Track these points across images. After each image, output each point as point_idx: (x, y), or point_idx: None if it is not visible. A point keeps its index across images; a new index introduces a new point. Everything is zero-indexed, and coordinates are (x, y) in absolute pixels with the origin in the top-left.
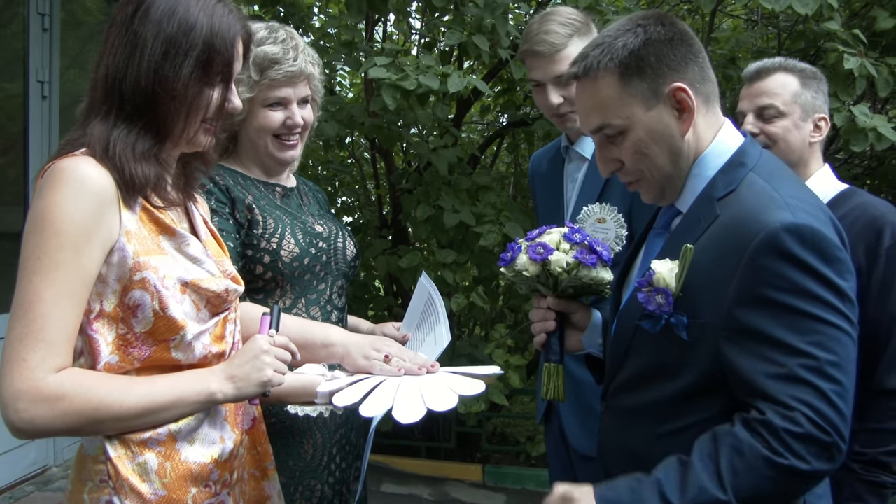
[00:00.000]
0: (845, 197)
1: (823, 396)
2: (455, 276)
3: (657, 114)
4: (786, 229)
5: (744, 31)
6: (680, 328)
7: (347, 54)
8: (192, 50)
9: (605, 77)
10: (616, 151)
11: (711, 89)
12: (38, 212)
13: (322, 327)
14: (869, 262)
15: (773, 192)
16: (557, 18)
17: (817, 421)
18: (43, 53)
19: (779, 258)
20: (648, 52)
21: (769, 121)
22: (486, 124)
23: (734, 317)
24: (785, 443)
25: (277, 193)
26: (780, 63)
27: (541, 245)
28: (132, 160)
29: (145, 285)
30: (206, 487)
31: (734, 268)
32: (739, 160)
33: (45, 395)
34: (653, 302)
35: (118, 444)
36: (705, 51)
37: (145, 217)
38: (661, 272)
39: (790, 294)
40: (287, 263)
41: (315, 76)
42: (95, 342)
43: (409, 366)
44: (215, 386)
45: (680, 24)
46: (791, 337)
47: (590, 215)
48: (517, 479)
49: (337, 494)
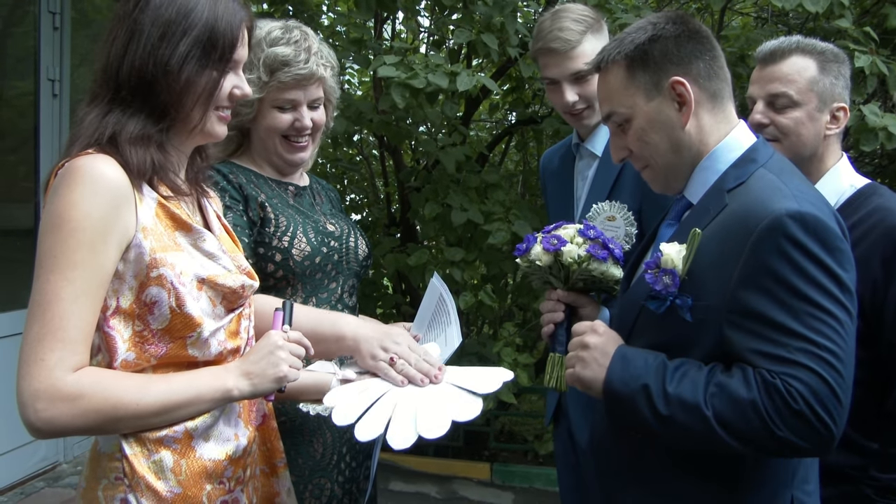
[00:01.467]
0: (862, 196)
1: (823, 381)
2: (463, 275)
3: (657, 105)
4: (790, 216)
5: (753, 29)
6: (684, 310)
7: (356, 52)
8: (191, 30)
9: (613, 69)
10: (624, 139)
11: (721, 87)
12: (54, 211)
13: (332, 320)
14: (886, 276)
15: (781, 184)
16: (570, 15)
17: (811, 403)
18: (53, 52)
19: (782, 242)
20: (654, 47)
21: (781, 111)
22: (495, 122)
23: (737, 299)
24: (779, 413)
25: (290, 192)
26: (798, 43)
27: (555, 237)
28: (126, 143)
29: (162, 282)
30: (220, 484)
31: (739, 252)
32: (751, 157)
33: (64, 395)
34: (660, 282)
35: (134, 441)
36: (721, 51)
37: (161, 213)
38: (670, 253)
39: (791, 276)
40: (298, 262)
41: (328, 78)
42: (112, 339)
43: (412, 372)
44: (231, 383)
45: (693, 24)
46: (791, 320)
47: (599, 213)
48: (525, 477)
49: (347, 493)
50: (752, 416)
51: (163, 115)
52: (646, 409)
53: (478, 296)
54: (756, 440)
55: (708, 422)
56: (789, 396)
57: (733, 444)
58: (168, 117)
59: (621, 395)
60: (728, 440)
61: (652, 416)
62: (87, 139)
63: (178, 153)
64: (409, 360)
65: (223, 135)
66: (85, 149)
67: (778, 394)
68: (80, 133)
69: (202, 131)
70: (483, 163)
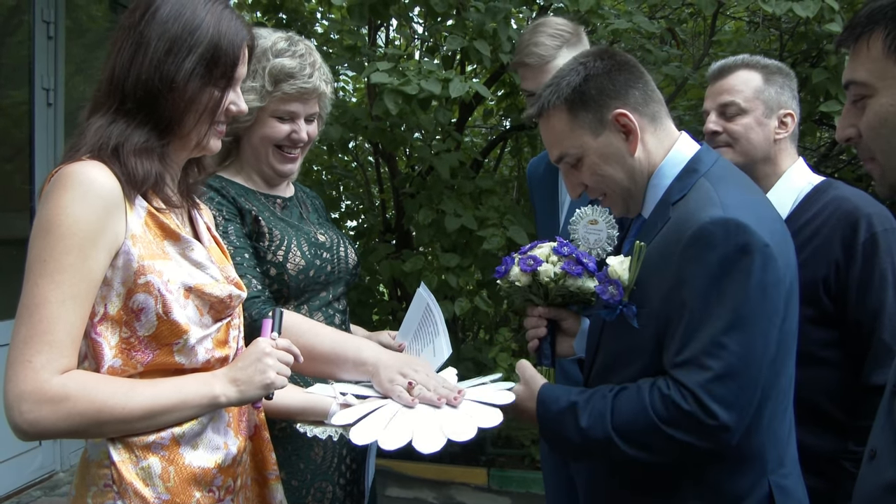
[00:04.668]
0: (819, 191)
1: (711, 373)
2: (459, 280)
3: (605, 139)
4: (712, 222)
5: (746, 34)
6: (630, 317)
7: (350, 59)
8: (196, 47)
9: (555, 114)
10: (579, 176)
11: (657, 108)
12: (45, 215)
13: (356, 344)
14: (846, 257)
15: (714, 193)
16: (546, 30)
17: (702, 399)
18: (48, 61)
19: (702, 247)
20: (589, 86)
21: (731, 118)
22: (489, 128)
23: (668, 303)
24: (679, 410)
25: (277, 205)
26: (743, 60)
27: (531, 258)
28: (130, 154)
29: (149, 289)
30: (209, 492)
31: (672, 260)
32: (693, 167)
33: (50, 397)
34: (606, 292)
35: (122, 448)
36: (648, 75)
37: (151, 222)
38: (614, 265)
39: (708, 278)
40: (293, 276)
41: (326, 94)
42: (99, 345)
43: (430, 395)
44: (219, 389)
45: (620, 56)
46: (703, 319)
47: (582, 217)
48: (522, 482)
49: (348, 496)
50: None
51: (167, 129)
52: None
53: (473, 301)
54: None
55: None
56: (682, 400)
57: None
58: (171, 132)
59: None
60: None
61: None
62: (91, 147)
63: (175, 165)
64: (428, 386)
65: (217, 149)
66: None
67: (668, 398)
68: (84, 141)
69: (199, 145)
70: (477, 169)
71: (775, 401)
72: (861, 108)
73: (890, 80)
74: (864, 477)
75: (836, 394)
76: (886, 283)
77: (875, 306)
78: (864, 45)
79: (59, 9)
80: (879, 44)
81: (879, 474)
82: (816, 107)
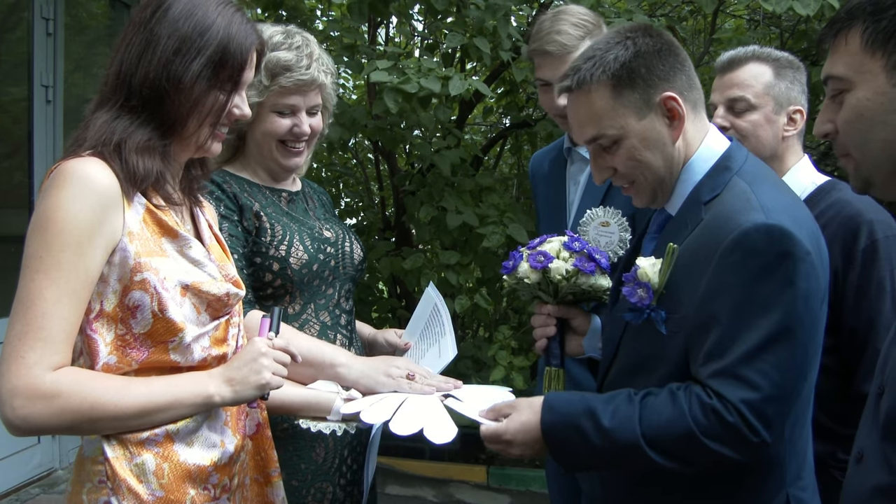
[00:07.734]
0: (823, 192)
1: (759, 393)
2: (459, 278)
3: (649, 122)
4: (756, 228)
5: (746, 32)
6: (659, 322)
7: (350, 57)
8: (205, 49)
9: (598, 89)
10: (610, 160)
11: (698, 96)
12: (42, 211)
13: (332, 350)
14: (845, 263)
15: (752, 194)
16: (570, 19)
17: (747, 416)
18: (47, 58)
19: (744, 254)
20: (639, 63)
21: (740, 114)
22: (489, 126)
23: (703, 309)
24: (722, 422)
25: (283, 199)
26: (754, 52)
27: (541, 253)
28: (132, 151)
29: (145, 286)
30: (204, 490)
31: (707, 266)
32: (725, 164)
33: (42, 393)
34: (635, 295)
35: (116, 444)
36: (690, 60)
37: (149, 218)
38: (644, 267)
39: (750, 286)
40: (296, 270)
41: (327, 85)
42: (94, 342)
43: (430, 385)
44: (213, 389)
45: (666, 36)
46: (742, 328)
47: (593, 219)
48: (521, 480)
49: (349, 496)
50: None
51: (170, 130)
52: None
53: (473, 299)
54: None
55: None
56: (725, 410)
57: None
58: (174, 133)
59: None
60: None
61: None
62: (93, 142)
63: (176, 164)
64: (427, 378)
65: (218, 152)
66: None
67: (710, 408)
68: (87, 135)
69: (200, 148)
70: (477, 166)
71: (797, 412)
72: (839, 104)
73: (867, 73)
74: (852, 479)
75: (827, 401)
76: (884, 292)
77: (870, 315)
78: (842, 40)
79: (58, 5)
80: (857, 38)
81: (867, 476)
82: (816, 105)
